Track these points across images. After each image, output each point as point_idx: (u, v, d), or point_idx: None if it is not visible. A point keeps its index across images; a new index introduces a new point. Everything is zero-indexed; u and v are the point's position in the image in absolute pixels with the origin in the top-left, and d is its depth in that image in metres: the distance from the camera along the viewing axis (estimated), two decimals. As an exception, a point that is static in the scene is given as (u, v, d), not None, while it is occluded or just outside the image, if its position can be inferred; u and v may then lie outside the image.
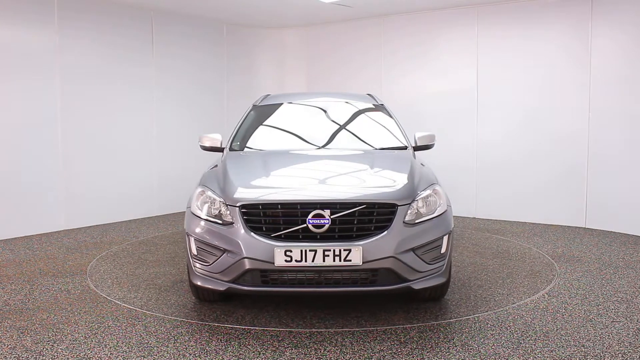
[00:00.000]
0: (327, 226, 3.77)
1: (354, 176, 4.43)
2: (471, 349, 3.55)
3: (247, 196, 3.99)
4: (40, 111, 7.21)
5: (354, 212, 3.81)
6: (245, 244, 3.81)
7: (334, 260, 3.72)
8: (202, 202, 4.14)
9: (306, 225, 3.78)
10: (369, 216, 3.85)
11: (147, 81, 8.45)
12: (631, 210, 7.04)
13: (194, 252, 4.07)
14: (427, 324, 4.00)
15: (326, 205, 3.81)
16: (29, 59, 7.09)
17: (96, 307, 4.40)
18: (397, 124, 5.43)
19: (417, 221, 3.94)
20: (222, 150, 5.16)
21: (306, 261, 3.72)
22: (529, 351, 3.53)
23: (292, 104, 5.71)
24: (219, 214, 3.99)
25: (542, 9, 7.65)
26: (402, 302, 4.43)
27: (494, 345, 3.62)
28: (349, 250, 3.73)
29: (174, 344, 3.67)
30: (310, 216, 3.77)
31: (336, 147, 5.06)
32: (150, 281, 5.12)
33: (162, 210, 8.70)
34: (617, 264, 5.63)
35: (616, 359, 3.41)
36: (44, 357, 3.47)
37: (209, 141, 5.18)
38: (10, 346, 3.64)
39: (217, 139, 5.18)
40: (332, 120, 5.46)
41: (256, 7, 8.41)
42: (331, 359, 3.43)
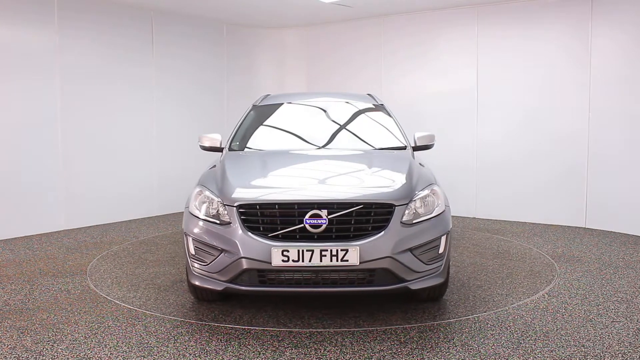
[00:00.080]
0: (324, 226, 3.77)
1: (351, 176, 4.43)
2: (471, 349, 3.55)
3: (245, 196, 3.99)
4: (40, 111, 7.22)
5: (351, 212, 3.81)
6: (242, 244, 3.81)
7: (331, 260, 3.72)
8: (200, 202, 4.14)
9: (303, 225, 3.78)
10: (366, 216, 3.84)
11: (147, 81, 8.46)
12: (631, 210, 7.04)
13: (192, 252, 4.07)
14: (427, 324, 4.00)
15: (323, 205, 3.81)
16: (29, 59, 7.09)
17: (96, 307, 4.41)
18: (397, 124, 5.42)
19: (415, 221, 3.93)
20: (221, 150, 5.15)
21: (303, 261, 3.72)
22: (529, 351, 3.52)
23: (292, 104, 5.70)
24: (217, 214, 3.99)
25: (542, 9, 7.65)
26: (400, 303, 4.42)
27: (494, 345, 3.62)
28: (346, 250, 3.72)
29: (174, 344, 3.67)
30: (307, 216, 3.77)
31: (336, 147, 5.05)
32: (150, 281, 5.13)
33: (162, 210, 8.71)
34: (617, 264, 5.63)
35: (616, 359, 3.41)
36: (44, 357, 3.48)
37: (208, 141, 5.18)
38: (10, 346, 3.64)
39: (217, 139, 5.18)
40: (332, 120, 5.45)
41: (256, 7, 8.41)
42: (331, 359, 3.43)
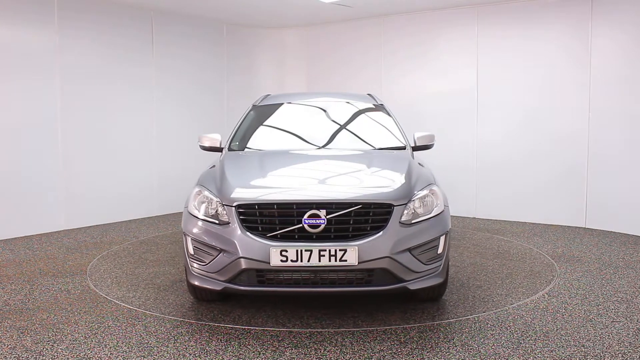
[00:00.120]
0: (322, 226, 3.77)
1: (350, 176, 4.42)
2: (471, 349, 3.55)
3: (244, 196, 3.99)
4: (40, 111, 7.22)
5: (349, 212, 3.81)
6: (241, 244, 3.81)
7: (330, 260, 3.72)
8: (199, 202, 4.14)
9: (302, 225, 3.78)
10: (364, 216, 3.84)
11: (147, 81, 8.46)
12: (631, 210, 7.04)
13: (191, 251, 4.07)
14: (427, 324, 4.00)
15: (322, 205, 3.81)
16: (29, 59, 7.09)
17: (96, 307, 4.41)
18: (397, 124, 5.41)
19: (414, 221, 3.93)
20: (221, 150, 5.15)
21: (302, 261, 3.72)
22: (529, 351, 3.52)
23: (292, 104, 5.70)
24: (216, 214, 3.99)
25: (542, 9, 7.65)
26: (399, 303, 4.42)
27: (494, 345, 3.62)
28: (345, 250, 3.72)
29: (174, 344, 3.67)
30: (306, 216, 3.77)
31: (336, 147, 5.04)
32: (150, 281, 5.13)
33: (162, 210, 8.71)
34: (617, 264, 5.62)
35: (616, 359, 3.41)
36: (44, 357, 3.48)
37: (208, 141, 5.18)
38: (10, 346, 3.65)
39: (217, 139, 5.18)
40: (332, 120, 5.45)
41: (256, 7, 8.41)
42: (331, 359, 3.43)
